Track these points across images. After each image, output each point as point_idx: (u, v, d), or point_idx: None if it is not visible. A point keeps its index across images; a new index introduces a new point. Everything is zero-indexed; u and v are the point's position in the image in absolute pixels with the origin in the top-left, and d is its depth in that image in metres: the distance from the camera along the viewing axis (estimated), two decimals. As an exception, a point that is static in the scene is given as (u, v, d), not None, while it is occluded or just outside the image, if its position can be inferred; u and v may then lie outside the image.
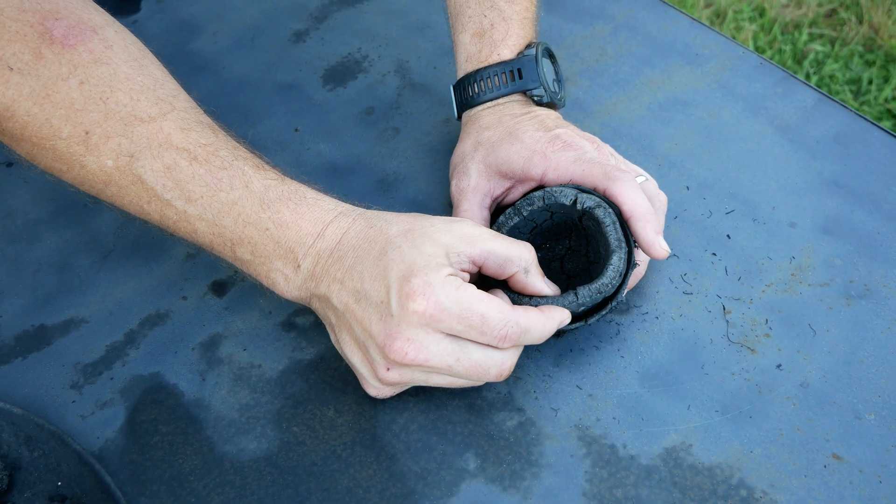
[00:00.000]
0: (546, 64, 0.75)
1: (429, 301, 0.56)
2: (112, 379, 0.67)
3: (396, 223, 0.61)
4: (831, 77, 2.06)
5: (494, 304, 0.58)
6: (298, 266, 0.62)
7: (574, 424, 0.64)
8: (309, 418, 0.65)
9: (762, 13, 2.20)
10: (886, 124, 1.95)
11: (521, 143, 0.69)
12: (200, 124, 0.63)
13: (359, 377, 0.63)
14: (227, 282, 0.73)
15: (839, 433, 0.63)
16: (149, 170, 0.61)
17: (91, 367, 0.68)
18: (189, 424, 0.65)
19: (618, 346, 0.68)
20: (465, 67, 0.76)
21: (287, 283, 0.63)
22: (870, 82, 2.04)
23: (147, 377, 0.67)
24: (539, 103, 0.74)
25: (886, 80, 2.05)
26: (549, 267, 0.70)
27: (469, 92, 0.75)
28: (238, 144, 0.64)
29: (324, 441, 0.63)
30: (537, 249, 0.70)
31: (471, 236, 0.60)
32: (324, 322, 0.64)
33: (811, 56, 2.10)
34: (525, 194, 0.71)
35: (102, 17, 0.64)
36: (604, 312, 0.65)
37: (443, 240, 0.59)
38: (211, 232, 0.62)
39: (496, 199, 0.72)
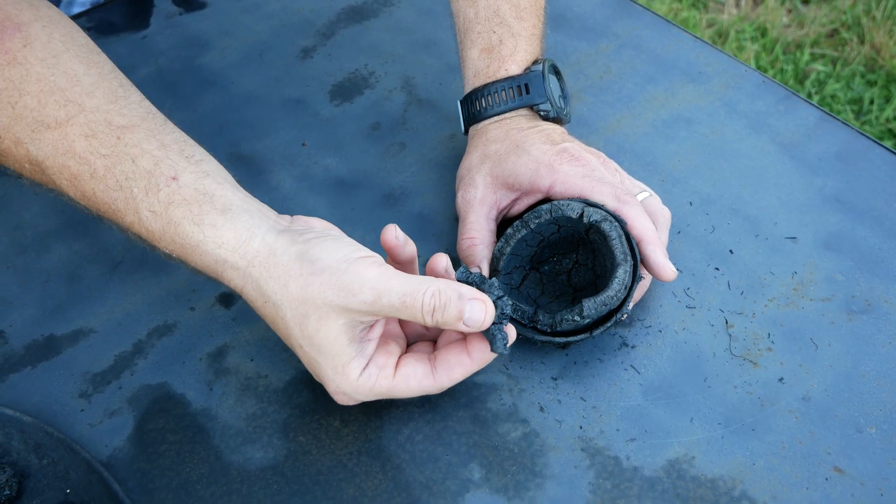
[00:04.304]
0: (552, 80, 0.76)
1: (352, 400, 0.62)
2: (120, 388, 0.68)
3: (287, 302, 0.58)
4: (833, 97, 2.07)
5: (414, 382, 0.61)
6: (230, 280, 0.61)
7: (578, 436, 0.64)
8: (315, 428, 0.65)
9: (764, 33, 2.22)
10: (888, 144, 1.95)
11: (528, 155, 0.70)
12: (108, 126, 0.60)
13: None
14: (234, 293, 0.74)
15: (841, 446, 0.63)
16: (60, 178, 0.60)
17: (100, 377, 0.68)
18: (196, 433, 0.65)
19: (622, 358, 0.69)
20: (472, 82, 0.77)
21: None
22: (871, 102, 2.05)
23: (155, 387, 0.68)
24: (545, 118, 0.75)
25: (888, 100, 2.06)
26: (557, 280, 0.70)
27: (477, 106, 0.76)
28: (144, 150, 0.60)
29: (330, 451, 0.64)
30: (544, 262, 0.70)
31: (360, 286, 0.56)
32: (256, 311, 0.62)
33: (813, 76, 2.11)
34: (532, 207, 0.71)
35: (34, 13, 0.61)
36: (609, 325, 0.66)
37: (339, 319, 0.57)
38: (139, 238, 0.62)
39: (502, 210, 0.73)
